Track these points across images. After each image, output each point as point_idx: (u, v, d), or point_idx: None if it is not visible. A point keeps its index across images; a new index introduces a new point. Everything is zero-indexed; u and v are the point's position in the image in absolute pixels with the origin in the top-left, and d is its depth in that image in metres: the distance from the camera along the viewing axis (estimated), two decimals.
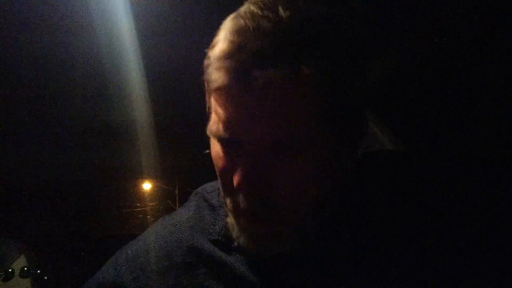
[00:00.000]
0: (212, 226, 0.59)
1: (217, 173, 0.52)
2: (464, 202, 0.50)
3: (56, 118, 1.44)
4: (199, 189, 0.67)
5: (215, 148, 0.51)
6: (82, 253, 2.65)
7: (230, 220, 0.53)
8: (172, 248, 0.59)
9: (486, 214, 0.48)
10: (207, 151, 0.54)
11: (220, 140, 0.49)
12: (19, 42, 1.00)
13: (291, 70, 0.42)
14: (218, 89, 0.45)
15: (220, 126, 0.47)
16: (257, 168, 0.46)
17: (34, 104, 1.34)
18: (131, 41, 0.99)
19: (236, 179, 0.46)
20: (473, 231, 0.46)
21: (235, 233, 0.52)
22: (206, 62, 0.48)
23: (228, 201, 0.51)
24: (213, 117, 0.49)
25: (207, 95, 0.51)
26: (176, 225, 0.63)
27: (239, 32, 0.44)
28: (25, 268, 2.12)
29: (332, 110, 0.46)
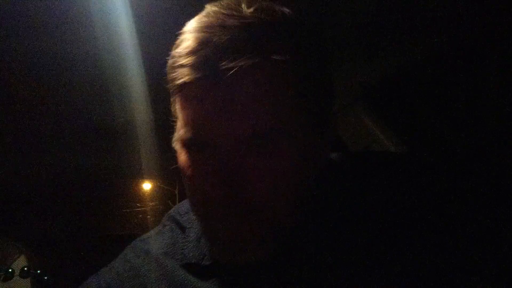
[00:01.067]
0: (182, 250, 0.57)
1: (186, 185, 0.49)
2: (461, 202, 0.49)
3: (56, 118, 1.44)
4: (172, 210, 0.65)
5: (182, 158, 0.48)
6: (82, 253, 2.64)
7: (203, 233, 0.51)
8: (146, 277, 0.58)
9: (484, 215, 0.48)
10: (174, 166, 0.51)
11: (188, 144, 0.47)
12: (18, 41, 1.00)
13: (261, 58, 0.41)
14: (183, 87, 0.44)
15: (187, 129, 0.45)
16: (231, 167, 0.43)
17: (34, 104, 1.34)
18: (131, 41, 0.99)
19: (210, 183, 0.43)
20: (470, 232, 0.46)
21: (207, 247, 0.50)
22: (169, 62, 0.47)
23: (201, 212, 0.49)
24: (179, 123, 0.48)
25: (171, 100, 0.50)
26: (149, 253, 0.60)
27: (203, 29, 0.43)
28: (25, 268, 2.12)
29: (304, 100, 0.45)
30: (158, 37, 1.02)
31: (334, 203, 0.51)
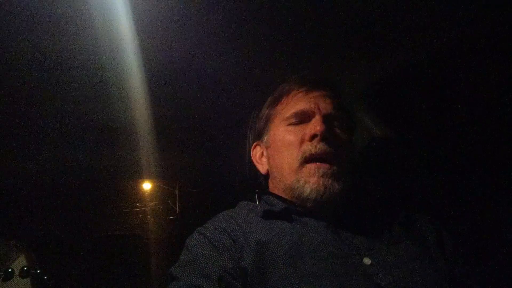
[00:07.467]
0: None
1: (287, 150, 0.85)
2: (457, 199, 0.50)
3: (56, 117, 1.44)
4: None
5: (281, 135, 0.89)
6: (82, 253, 2.65)
7: (300, 178, 0.82)
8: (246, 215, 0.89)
9: (482, 213, 0.48)
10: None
11: (295, 118, 0.89)
12: (18, 41, 1.00)
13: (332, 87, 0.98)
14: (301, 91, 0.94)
15: (301, 106, 0.89)
16: (328, 129, 0.83)
17: (34, 104, 1.34)
18: (131, 41, 0.99)
19: (316, 129, 0.81)
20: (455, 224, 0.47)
21: (301, 185, 0.80)
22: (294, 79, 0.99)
23: (300, 157, 0.83)
24: (286, 110, 0.91)
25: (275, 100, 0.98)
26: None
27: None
28: (25, 268, 2.12)
29: (346, 109, 0.94)
30: (158, 37, 1.02)
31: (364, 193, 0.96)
